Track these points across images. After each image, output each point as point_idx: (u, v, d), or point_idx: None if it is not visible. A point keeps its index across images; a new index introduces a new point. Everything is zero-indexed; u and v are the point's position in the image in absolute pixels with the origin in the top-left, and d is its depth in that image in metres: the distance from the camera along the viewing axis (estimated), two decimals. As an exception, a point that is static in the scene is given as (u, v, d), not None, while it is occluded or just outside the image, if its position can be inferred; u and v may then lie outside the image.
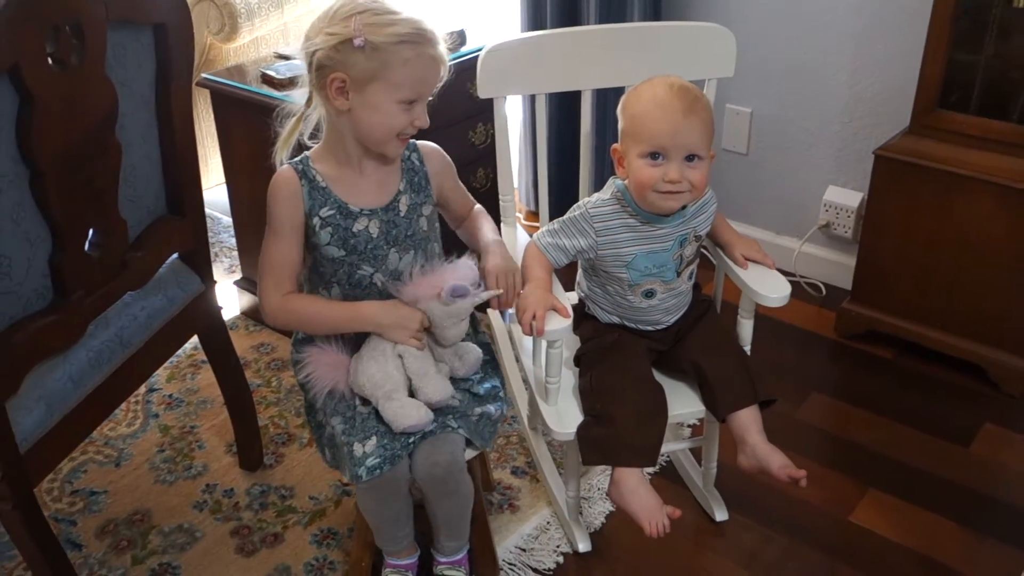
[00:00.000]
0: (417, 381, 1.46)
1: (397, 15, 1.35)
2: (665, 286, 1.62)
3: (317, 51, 1.36)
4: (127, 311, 1.58)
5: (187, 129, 1.60)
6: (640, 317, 1.65)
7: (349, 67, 1.34)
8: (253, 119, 2.19)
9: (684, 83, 1.51)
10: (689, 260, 1.64)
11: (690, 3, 2.54)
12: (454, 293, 1.43)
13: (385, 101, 1.37)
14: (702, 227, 1.63)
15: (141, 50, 1.46)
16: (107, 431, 2.12)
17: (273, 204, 1.45)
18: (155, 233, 1.59)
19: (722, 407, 1.58)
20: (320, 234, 1.45)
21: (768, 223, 2.68)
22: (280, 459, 2.03)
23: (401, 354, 1.46)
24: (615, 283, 1.62)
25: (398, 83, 1.36)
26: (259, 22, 2.38)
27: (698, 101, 1.50)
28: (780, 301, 1.59)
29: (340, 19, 1.34)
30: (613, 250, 1.58)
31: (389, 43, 1.33)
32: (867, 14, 2.30)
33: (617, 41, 1.71)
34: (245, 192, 2.35)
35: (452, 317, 1.45)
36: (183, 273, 1.71)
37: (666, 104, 1.48)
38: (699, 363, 1.61)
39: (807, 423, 2.13)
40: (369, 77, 1.35)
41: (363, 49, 1.33)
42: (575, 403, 1.62)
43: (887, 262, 2.25)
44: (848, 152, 2.47)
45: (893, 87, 2.32)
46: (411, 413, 1.43)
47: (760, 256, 1.66)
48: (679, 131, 1.47)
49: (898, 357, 2.32)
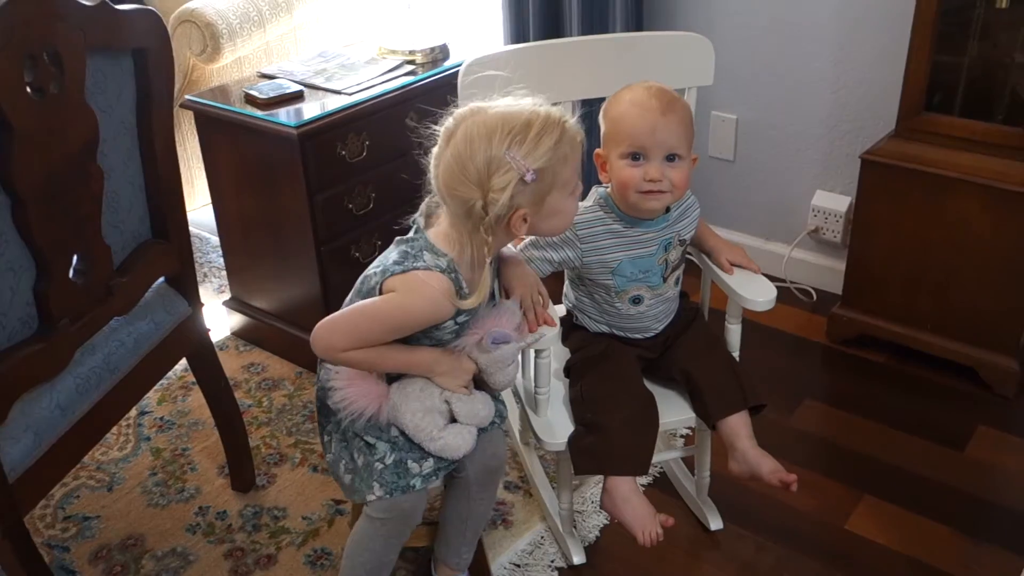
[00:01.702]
0: (465, 421, 1.45)
1: (532, 122, 1.30)
2: (652, 292, 1.62)
3: (492, 208, 1.28)
4: (114, 337, 1.57)
5: (169, 153, 1.59)
6: (628, 324, 1.65)
7: (526, 198, 1.31)
8: (237, 139, 2.20)
9: (662, 86, 1.54)
10: (675, 265, 1.64)
11: (672, 12, 2.54)
12: (495, 340, 1.41)
13: (564, 201, 1.36)
14: (686, 231, 1.64)
15: (121, 76, 1.46)
16: (99, 455, 2.11)
17: (412, 310, 1.35)
18: (140, 258, 1.59)
19: (712, 413, 1.58)
20: (445, 329, 1.41)
21: (757, 229, 2.68)
22: (272, 479, 2.02)
23: (448, 400, 1.44)
24: (602, 290, 1.62)
25: (568, 179, 1.36)
26: (241, 42, 2.38)
27: (676, 101, 1.52)
28: (766, 305, 1.60)
29: (497, 169, 1.28)
30: (598, 257, 1.59)
31: (551, 158, 1.31)
32: (849, 18, 2.31)
33: (596, 52, 1.72)
34: (232, 212, 2.35)
35: (497, 363, 1.43)
36: (169, 297, 1.70)
37: (644, 104, 1.50)
38: (688, 370, 1.62)
39: (800, 430, 2.13)
40: (545, 193, 1.33)
41: (535, 179, 1.30)
42: (566, 414, 1.62)
43: (877, 266, 2.25)
44: (835, 156, 2.47)
45: (878, 90, 2.32)
46: (460, 444, 1.43)
47: (745, 261, 1.67)
48: (657, 129, 1.49)
49: (890, 361, 2.32)
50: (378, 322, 1.36)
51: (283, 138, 2.07)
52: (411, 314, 1.36)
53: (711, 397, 1.58)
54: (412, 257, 1.37)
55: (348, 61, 2.40)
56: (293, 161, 2.09)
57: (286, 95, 2.18)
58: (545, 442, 1.58)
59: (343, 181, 2.19)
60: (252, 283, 2.44)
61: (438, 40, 2.44)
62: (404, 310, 1.36)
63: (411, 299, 1.35)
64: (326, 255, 2.22)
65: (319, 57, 2.45)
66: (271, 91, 2.18)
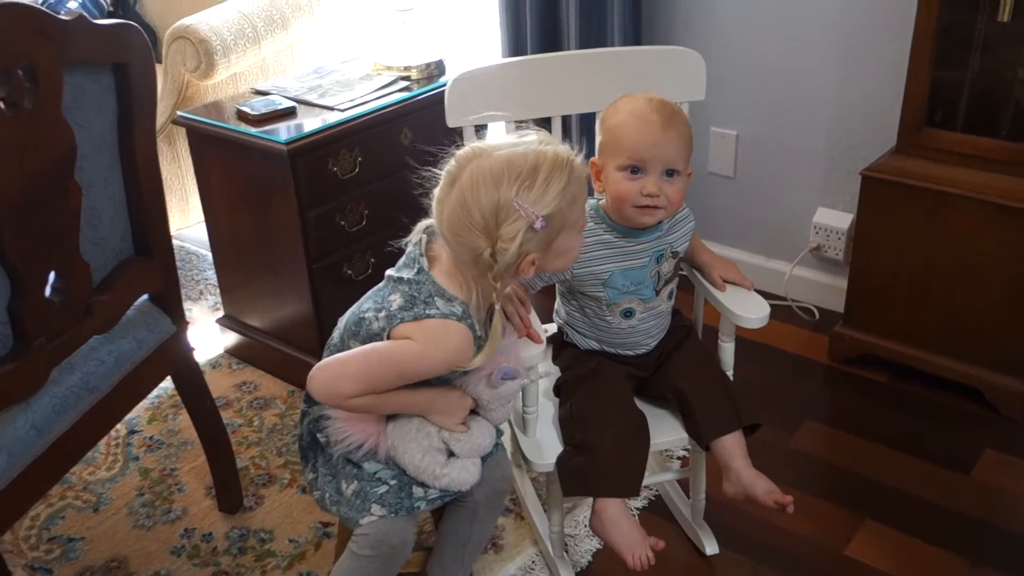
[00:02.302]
0: (464, 454, 1.42)
1: (539, 166, 1.26)
2: (644, 305, 1.59)
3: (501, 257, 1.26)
4: (93, 356, 1.54)
5: (152, 168, 1.57)
6: (619, 340, 1.62)
7: (535, 244, 1.28)
8: (229, 156, 2.18)
9: (663, 98, 1.51)
10: (667, 278, 1.61)
11: (671, 26, 2.51)
12: (504, 376, 1.38)
13: (572, 240, 1.35)
14: (679, 243, 1.61)
15: (101, 91, 1.44)
16: (86, 475, 2.08)
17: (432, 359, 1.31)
18: (121, 275, 1.56)
19: (705, 434, 1.54)
20: (453, 373, 1.39)
21: (758, 247, 2.64)
22: (260, 501, 1.99)
23: (446, 440, 1.41)
24: (593, 303, 1.59)
25: (576, 220, 1.34)
26: (236, 59, 2.37)
27: (677, 115, 1.49)
28: (759, 322, 1.56)
29: (506, 217, 1.25)
30: (589, 268, 1.56)
31: (560, 202, 1.27)
32: (850, 33, 2.28)
33: (586, 67, 1.70)
34: (224, 229, 2.33)
35: (500, 399, 1.41)
36: (153, 315, 1.67)
37: (645, 117, 1.47)
38: (681, 389, 1.58)
39: (800, 452, 2.08)
40: (554, 236, 1.31)
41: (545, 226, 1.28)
42: (555, 433, 1.59)
43: (879, 284, 2.20)
44: (837, 173, 2.43)
45: (880, 105, 2.29)
46: (467, 478, 1.42)
47: (738, 278, 1.64)
48: (658, 144, 1.46)
49: (893, 381, 2.27)
50: (394, 368, 1.32)
51: (274, 154, 2.05)
52: (429, 364, 1.32)
53: (704, 417, 1.54)
54: (423, 303, 1.32)
55: (343, 77, 2.38)
56: (284, 177, 2.07)
57: (278, 111, 2.16)
58: (533, 463, 1.54)
59: (335, 198, 2.16)
60: (245, 301, 2.41)
61: (434, 56, 2.42)
62: (424, 359, 1.31)
63: (431, 349, 1.30)
64: (318, 272, 2.19)
65: (314, 73, 2.43)
66: (263, 107, 2.16)
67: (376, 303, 1.37)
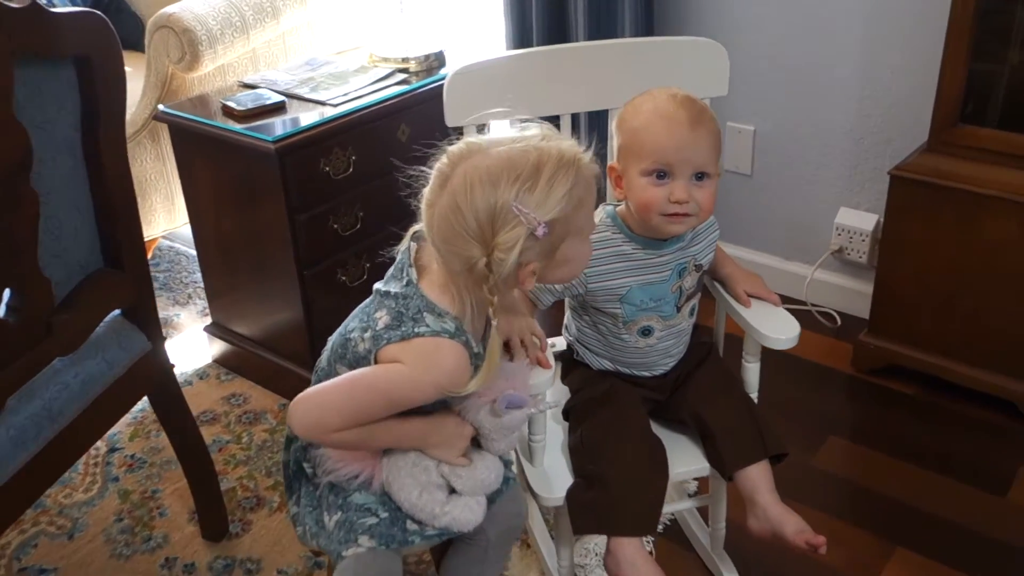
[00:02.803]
0: (467, 491, 1.28)
1: (542, 165, 1.11)
2: (664, 323, 1.45)
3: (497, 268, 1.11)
4: (57, 380, 1.40)
5: (121, 171, 1.43)
6: (635, 360, 1.48)
7: (536, 253, 1.13)
8: (213, 154, 2.04)
9: (688, 94, 1.36)
10: (690, 293, 1.47)
11: (685, 16, 2.37)
12: (509, 404, 1.23)
13: (578, 247, 1.19)
14: (703, 255, 1.47)
15: (60, 87, 1.29)
16: (62, 498, 1.95)
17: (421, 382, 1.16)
18: (89, 290, 1.42)
19: (728, 464, 1.40)
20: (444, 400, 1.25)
21: (776, 248, 2.50)
22: (247, 527, 1.86)
23: (446, 475, 1.27)
24: (608, 320, 1.45)
25: (582, 226, 1.18)
26: (223, 49, 2.23)
27: (704, 112, 1.35)
28: (789, 343, 1.42)
29: (504, 223, 1.10)
30: (605, 283, 1.42)
31: (564, 206, 1.12)
32: (877, 23, 2.13)
33: (597, 60, 1.54)
34: (210, 231, 2.19)
35: (504, 430, 1.26)
36: (125, 331, 1.54)
37: (670, 115, 1.32)
38: (701, 414, 1.44)
39: (824, 471, 1.94)
40: (558, 244, 1.15)
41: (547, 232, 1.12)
42: (564, 462, 1.45)
43: (907, 290, 2.06)
44: (861, 171, 2.29)
45: (908, 100, 2.14)
46: (470, 517, 1.27)
47: (764, 292, 1.50)
48: (686, 145, 1.32)
49: (921, 393, 2.13)
50: (381, 396, 1.17)
51: (261, 153, 1.91)
52: (421, 390, 1.17)
53: (727, 445, 1.41)
54: (411, 320, 1.17)
55: (337, 70, 2.24)
56: (272, 178, 1.93)
57: (266, 107, 2.02)
58: (541, 496, 1.41)
59: (327, 199, 2.02)
60: (233, 308, 2.28)
61: (433, 47, 2.28)
62: (414, 384, 1.17)
63: (421, 373, 1.15)
64: (310, 279, 2.05)
65: (306, 65, 2.29)
66: (250, 102, 2.01)
67: (362, 321, 1.22)
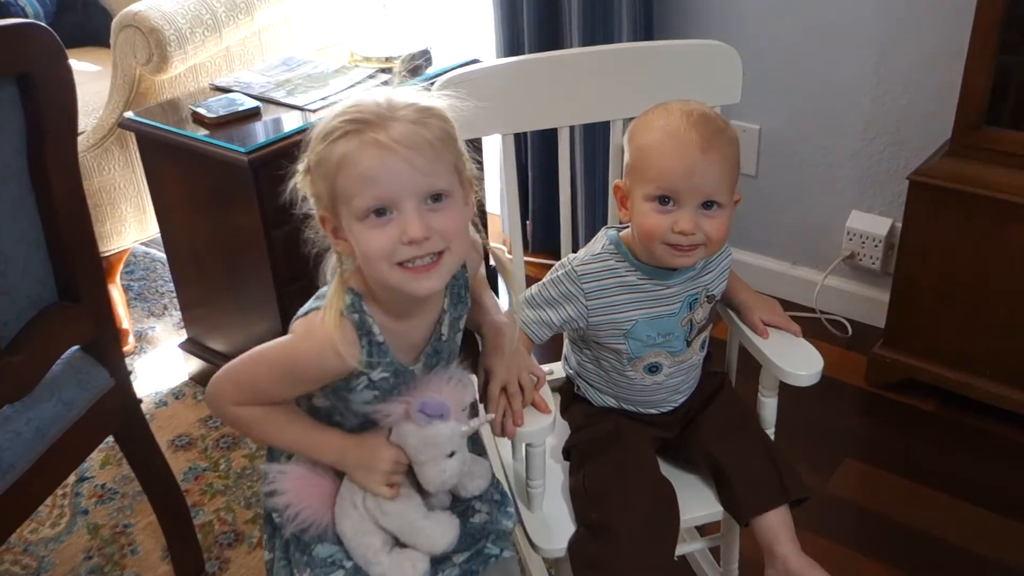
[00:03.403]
0: (403, 538, 1.11)
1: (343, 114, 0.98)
2: (672, 359, 1.32)
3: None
4: (7, 428, 1.28)
5: (73, 197, 1.30)
6: (641, 398, 1.36)
7: (319, 200, 1.02)
8: (183, 164, 1.90)
9: (706, 110, 1.22)
10: (701, 326, 1.34)
11: (685, 10, 2.23)
12: (424, 411, 1.06)
13: (353, 224, 0.99)
14: (715, 285, 1.34)
15: (1, 108, 1.16)
16: (27, 534, 1.82)
17: (307, 358, 1.06)
18: (41, 328, 1.29)
19: (745, 509, 1.28)
20: (362, 393, 1.09)
21: (783, 253, 2.38)
22: (225, 565, 1.73)
23: (371, 510, 1.10)
24: (611, 356, 1.33)
25: (348, 194, 0.98)
26: (193, 49, 2.08)
27: (721, 133, 1.20)
28: (811, 379, 1.31)
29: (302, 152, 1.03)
30: (608, 316, 1.29)
31: (323, 148, 0.98)
32: (893, 14, 1.99)
33: (600, 67, 1.40)
34: (183, 244, 2.05)
35: (430, 448, 1.07)
36: (85, 368, 1.41)
37: (681, 136, 1.19)
38: (714, 455, 1.32)
39: (839, 498, 1.83)
40: (332, 204, 1.00)
41: (311, 171, 1.00)
42: (565, 507, 1.32)
43: (927, 302, 1.94)
44: (874, 173, 2.17)
45: (925, 99, 2.02)
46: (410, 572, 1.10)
47: (783, 321, 1.37)
48: (695, 171, 1.18)
49: (941, 410, 2.02)
50: (265, 366, 1.08)
51: (233, 164, 1.77)
52: (296, 361, 1.06)
53: (743, 489, 1.29)
54: (317, 298, 1.08)
55: (315, 70, 2.10)
56: (246, 191, 1.80)
57: (239, 113, 1.88)
58: (541, 548, 1.28)
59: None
60: (209, 323, 2.15)
61: (419, 45, 2.14)
62: (289, 355, 1.07)
63: (298, 342, 1.05)
64: (288, 296, 1.92)
65: (283, 66, 2.15)
66: (222, 108, 1.88)
67: None
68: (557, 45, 2.28)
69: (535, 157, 2.49)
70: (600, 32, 2.17)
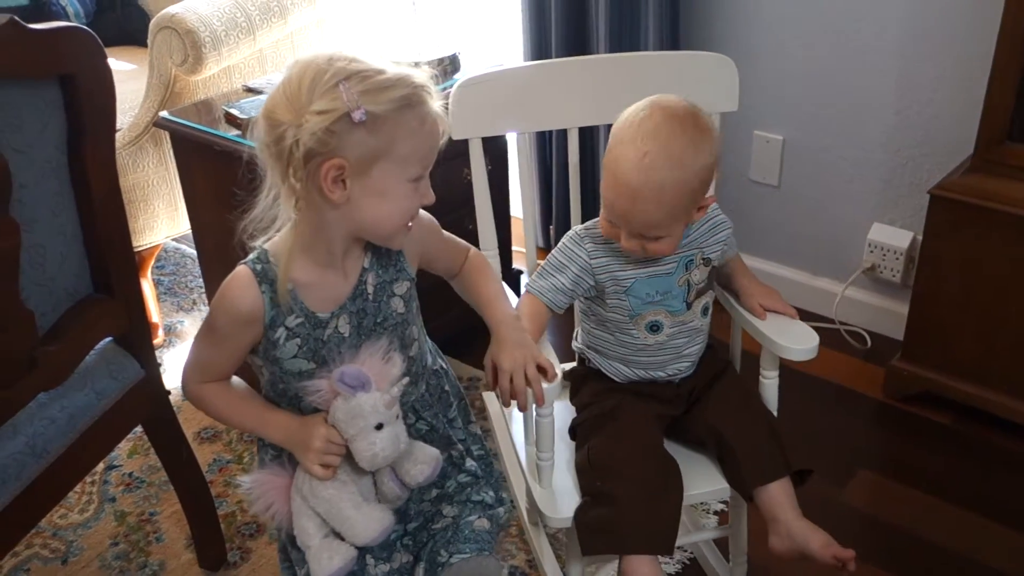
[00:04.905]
0: (332, 524, 1.14)
1: (387, 74, 1.05)
2: (672, 318, 1.38)
3: (304, 136, 1.01)
4: (42, 414, 1.32)
5: (110, 194, 1.34)
6: (646, 358, 1.40)
7: (347, 149, 1.03)
8: (214, 163, 1.94)
9: (668, 138, 1.22)
10: (700, 288, 1.39)
11: (711, 22, 2.24)
12: (344, 379, 1.08)
13: (395, 183, 1.08)
14: (711, 250, 1.39)
15: (43, 108, 1.21)
16: (57, 519, 1.88)
17: (218, 310, 1.14)
18: (76, 319, 1.34)
19: (749, 481, 1.32)
20: (286, 346, 1.14)
21: (804, 263, 2.39)
22: (246, 555, 1.78)
23: (304, 492, 1.13)
24: (616, 315, 1.38)
25: (406, 158, 1.07)
26: (227, 51, 2.13)
27: (665, 183, 1.22)
28: (807, 354, 1.34)
29: (324, 91, 1.02)
30: (609, 274, 1.36)
31: (391, 111, 1.04)
32: (919, 29, 2.00)
33: (604, 73, 1.49)
34: (213, 240, 2.10)
35: (356, 419, 1.09)
36: (117, 359, 1.45)
37: (620, 175, 1.24)
38: (719, 430, 1.35)
39: (854, 508, 1.84)
40: (373, 157, 1.05)
41: (363, 124, 1.03)
42: (572, 481, 1.36)
43: (946, 315, 1.95)
44: (896, 186, 2.17)
45: (949, 113, 2.02)
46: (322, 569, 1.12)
47: (781, 306, 1.42)
48: (631, 215, 1.26)
49: (959, 424, 2.02)
50: (200, 336, 1.19)
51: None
52: (213, 319, 1.16)
53: (747, 462, 1.32)
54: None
55: (346, 73, 2.14)
56: (276, 191, 1.84)
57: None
58: (547, 517, 1.32)
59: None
60: (237, 320, 2.19)
61: (447, 49, 2.18)
62: (213, 311, 1.16)
63: (217, 298, 1.15)
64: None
65: (314, 68, 2.18)
66: (253, 110, 1.91)
67: None
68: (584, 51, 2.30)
69: (559, 162, 2.52)
70: (627, 39, 2.19)
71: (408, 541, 1.29)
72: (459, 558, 1.23)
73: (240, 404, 1.21)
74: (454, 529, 1.27)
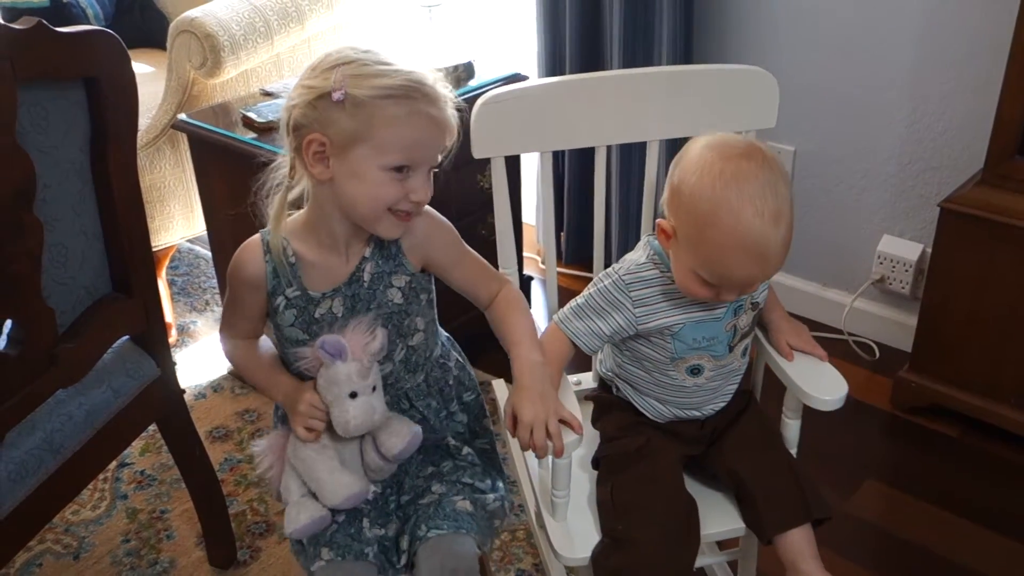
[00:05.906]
0: (308, 484, 1.21)
1: (389, 67, 1.11)
2: (715, 362, 1.35)
3: (294, 107, 1.12)
4: (60, 411, 1.35)
5: (131, 195, 1.37)
6: (683, 399, 1.38)
7: (328, 127, 1.10)
8: (231, 166, 1.97)
9: (779, 191, 1.18)
10: (744, 332, 1.37)
11: (723, 32, 2.26)
12: (324, 347, 1.15)
13: (370, 168, 1.12)
14: (759, 293, 1.36)
15: (68, 109, 1.23)
16: (69, 515, 1.90)
17: (230, 272, 1.25)
18: (95, 317, 1.36)
19: (768, 526, 1.31)
20: (284, 314, 1.22)
21: (813, 274, 2.40)
22: (256, 554, 1.79)
23: (290, 453, 1.23)
24: (657, 355, 1.35)
25: (383, 146, 1.11)
26: (245, 55, 2.16)
27: (788, 242, 1.20)
28: (834, 404, 1.32)
29: (321, 71, 1.12)
30: (656, 322, 1.31)
31: (373, 97, 1.09)
32: (931, 43, 2.02)
33: (636, 90, 1.43)
34: (227, 242, 2.12)
35: (332, 386, 1.16)
36: (133, 358, 1.48)
37: (751, 246, 1.17)
38: (739, 472, 1.34)
39: (860, 519, 1.84)
40: (351, 139, 1.10)
41: (343, 105, 1.09)
42: (590, 516, 1.35)
43: (955, 328, 1.96)
44: (907, 198, 2.18)
45: (960, 127, 2.03)
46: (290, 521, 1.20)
47: (809, 346, 1.39)
48: (753, 278, 1.24)
49: (966, 437, 2.03)
50: (226, 297, 1.30)
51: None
52: (228, 274, 1.25)
53: (767, 506, 1.31)
54: None
55: (362, 79, 2.16)
56: (291, 194, 1.86)
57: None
58: (563, 556, 1.31)
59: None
60: (250, 321, 2.21)
61: (462, 57, 2.20)
62: (228, 275, 1.26)
63: (232, 262, 1.24)
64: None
65: (330, 73, 2.21)
66: (271, 113, 1.95)
67: None
68: (598, 60, 2.32)
69: (572, 170, 2.54)
70: (640, 49, 2.21)
71: (400, 513, 1.31)
72: (436, 533, 1.24)
73: (256, 362, 1.30)
74: (436, 506, 1.28)
